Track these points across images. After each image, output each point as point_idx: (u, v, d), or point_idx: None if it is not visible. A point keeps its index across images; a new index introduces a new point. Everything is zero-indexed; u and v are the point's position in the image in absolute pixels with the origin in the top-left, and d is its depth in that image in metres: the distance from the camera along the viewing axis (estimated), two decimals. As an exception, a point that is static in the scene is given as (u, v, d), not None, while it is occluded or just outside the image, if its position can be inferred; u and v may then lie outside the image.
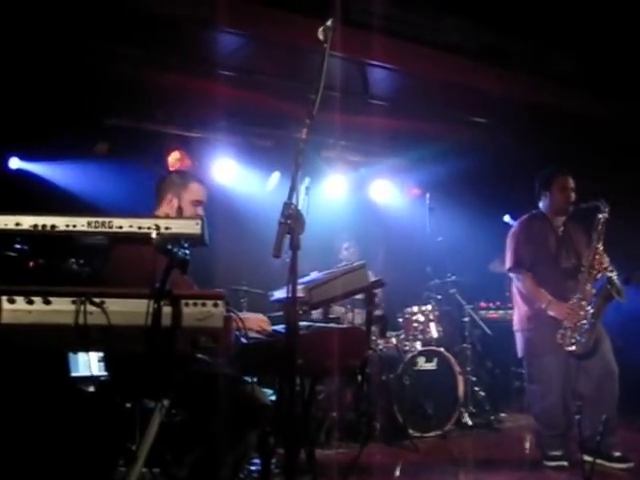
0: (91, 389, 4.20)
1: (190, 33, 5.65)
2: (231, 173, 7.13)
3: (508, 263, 5.11)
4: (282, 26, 5.67)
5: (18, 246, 2.42)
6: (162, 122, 6.70)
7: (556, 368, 4.81)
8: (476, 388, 6.80)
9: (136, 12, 5.25)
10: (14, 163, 6.17)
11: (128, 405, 3.18)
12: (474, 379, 6.84)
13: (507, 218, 8.17)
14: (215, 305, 2.43)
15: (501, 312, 7.71)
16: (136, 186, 3.95)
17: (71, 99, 5.95)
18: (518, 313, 5.11)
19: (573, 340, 4.72)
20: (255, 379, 3.18)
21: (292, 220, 2.44)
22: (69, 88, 5.85)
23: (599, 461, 4.25)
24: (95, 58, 5.67)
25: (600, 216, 4.82)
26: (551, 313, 4.81)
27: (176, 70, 6.06)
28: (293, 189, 2.49)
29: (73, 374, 4.55)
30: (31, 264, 4.70)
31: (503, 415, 6.82)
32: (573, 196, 5.04)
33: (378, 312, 6.15)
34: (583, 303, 4.75)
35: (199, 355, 2.50)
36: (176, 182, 3.58)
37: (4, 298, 2.31)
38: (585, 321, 4.71)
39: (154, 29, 5.45)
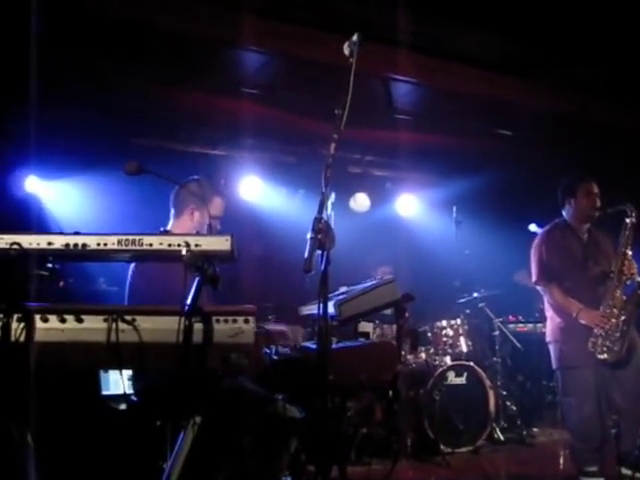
0: (123, 407, 4.21)
1: (214, 52, 5.71)
2: (256, 190, 7.16)
3: (534, 276, 5.04)
4: (306, 43, 5.70)
5: (50, 265, 2.43)
6: (188, 141, 6.76)
7: (590, 380, 4.72)
8: (507, 402, 6.72)
9: (161, 32, 5.31)
10: (31, 183, 6.18)
11: (159, 423, 3.18)
12: (505, 393, 6.75)
13: (533, 227, 8.12)
14: (246, 321, 2.43)
15: (530, 325, 7.64)
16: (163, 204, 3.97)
17: (98, 119, 6.03)
18: (550, 325, 5.04)
19: (605, 348, 4.63)
20: (284, 396, 3.16)
21: (322, 235, 2.43)
22: (96, 107, 5.93)
23: (639, 475, 4.16)
24: (122, 78, 5.75)
25: (627, 221, 4.74)
26: (582, 321, 4.73)
27: (201, 89, 6.11)
28: (322, 204, 2.49)
29: (104, 392, 4.58)
30: (61, 284, 4.75)
31: (535, 430, 6.72)
32: (598, 202, 4.96)
33: (408, 326, 6.11)
34: (614, 310, 4.66)
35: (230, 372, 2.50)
36: (197, 194, 3.49)
37: (37, 317, 2.33)
38: (617, 328, 4.63)
39: (179, 48, 5.51)
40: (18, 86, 5.09)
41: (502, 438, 6.30)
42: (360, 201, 7.48)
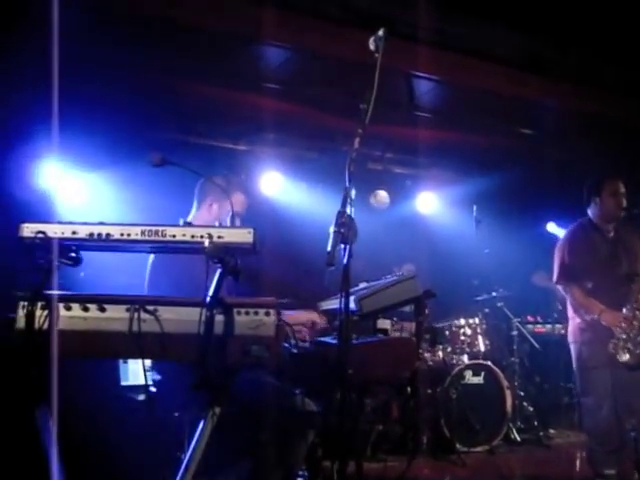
0: (141, 398, 4.25)
1: (237, 47, 5.71)
2: (278, 185, 7.17)
3: (555, 276, 5.00)
4: (328, 38, 5.70)
5: (74, 254, 2.45)
6: (209, 135, 6.78)
7: (609, 381, 4.67)
8: (524, 403, 6.69)
9: (184, 28, 5.33)
10: (55, 174, 6.14)
11: (177, 414, 3.20)
12: (522, 394, 6.73)
13: (551, 227, 8.09)
14: (267, 314, 2.44)
15: (548, 326, 7.61)
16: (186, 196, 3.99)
17: (119, 113, 6.06)
18: (571, 325, 5.00)
19: (626, 350, 4.59)
20: (302, 390, 3.17)
21: (345, 228, 2.43)
22: (120, 102, 5.96)
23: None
24: (146, 72, 5.77)
25: None
26: (604, 322, 4.68)
27: (223, 83, 6.12)
28: (346, 198, 2.49)
29: (123, 383, 4.62)
30: (82, 274, 4.79)
31: (552, 431, 6.69)
32: (624, 201, 4.91)
33: (427, 324, 6.10)
34: (637, 312, 4.62)
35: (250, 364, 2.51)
36: (219, 187, 3.50)
37: (61, 305, 2.35)
38: (638, 331, 4.58)
39: (201, 43, 5.52)
40: (42, 79, 5.14)
41: (518, 438, 6.28)
42: (380, 198, 7.47)
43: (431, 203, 8.13)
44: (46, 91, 5.05)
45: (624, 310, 4.65)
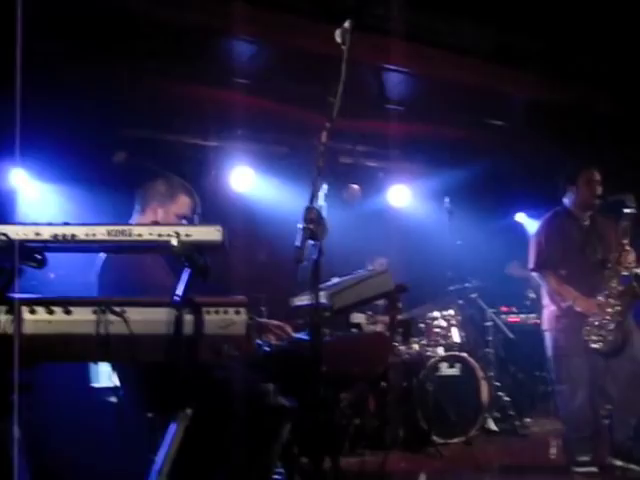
0: (113, 399, 4.18)
1: (205, 41, 5.65)
2: (248, 181, 7.11)
3: (530, 263, 5.04)
4: (297, 32, 5.67)
5: (38, 256, 2.39)
6: (178, 132, 6.71)
7: (584, 368, 4.71)
8: (500, 393, 6.72)
9: (150, 22, 5.26)
10: (17, 177, 6.03)
11: (150, 415, 3.15)
12: (498, 384, 6.76)
13: (521, 217, 8.15)
14: (237, 312, 2.40)
15: (522, 316, 7.66)
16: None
17: (87, 110, 5.96)
18: (546, 313, 5.03)
19: (599, 337, 4.62)
20: (275, 387, 3.14)
21: (314, 225, 2.40)
22: (85, 99, 5.87)
23: (631, 466, 4.16)
24: (111, 69, 5.69)
25: (627, 211, 4.72)
26: (578, 309, 4.72)
27: (191, 79, 6.06)
28: (314, 193, 2.46)
29: (94, 385, 4.55)
30: (52, 275, 4.71)
31: (528, 420, 6.73)
32: (599, 189, 4.94)
33: (401, 317, 6.09)
34: (610, 300, 4.65)
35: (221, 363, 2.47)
36: (162, 191, 3.41)
37: (25, 309, 2.29)
38: (612, 318, 4.61)
39: (168, 38, 5.45)
40: (2, 74, 5.03)
41: (495, 429, 6.32)
42: (353, 192, 7.44)
43: (403, 196, 8.13)
44: (4, 87, 4.97)
45: (598, 297, 4.69)
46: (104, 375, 4.60)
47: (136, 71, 5.84)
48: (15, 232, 2.34)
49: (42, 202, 6.10)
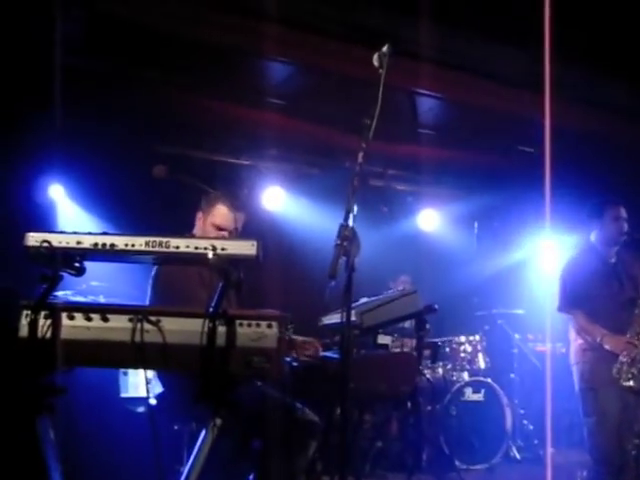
0: (141, 410, 4.23)
1: (240, 62, 5.75)
2: (279, 200, 7.18)
3: (558, 304, 5.01)
4: (331, 55, 5.73)
5: (77, 264, 2.46)
6: (212, 150, 6.80)
7: (611, 402, 4.64)
8: (524, 421, 6.66)
9: (187, 42, 5.36)
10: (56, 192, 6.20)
11: (176, 427, 3.19)
12: (522, 412, 6.70)
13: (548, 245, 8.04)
14: (269, 326, 2.44)
15: (549, 345, 7.58)
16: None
17: (123, 127, 6.09)
18: (573, 347, 4.99)
19: (630, 375, 4.57)
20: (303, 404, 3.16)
21: (348, 242, 2.44)
22: (121, 115, 5.99)
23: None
24: (147, 87, 5.81)
25: None
26: (607, 347, 4.67)
27: (226, 98, 6.15)
28: (349, 211, 2.50)
29: (123, 395, 4.60)
30: (84, 286, 4.79)
31: (552, 450, 6.64)
32: (626, 226, 4.92)
33: (428, 339, 6.08)
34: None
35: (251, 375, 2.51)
36: (205, 201, 3.55)
37: (64, 314, 2.35)
38: (642, 355, 4.56)
39: (206, 58, 5.55)
40: (42, 92, 5.18)
41: (518, 457, 6.25)
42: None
43: (432, 220, 8.14)
44: (43, 105, 5.12)
45: (627, 335, 4.64)
46: (133, 385, 4.67)
47: (172, 89, 5.95)
48: (57, 240, 2.42)
49: (78, 220, 6.20)
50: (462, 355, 6.47)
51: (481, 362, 6.45)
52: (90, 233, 2.48)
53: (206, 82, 5.90)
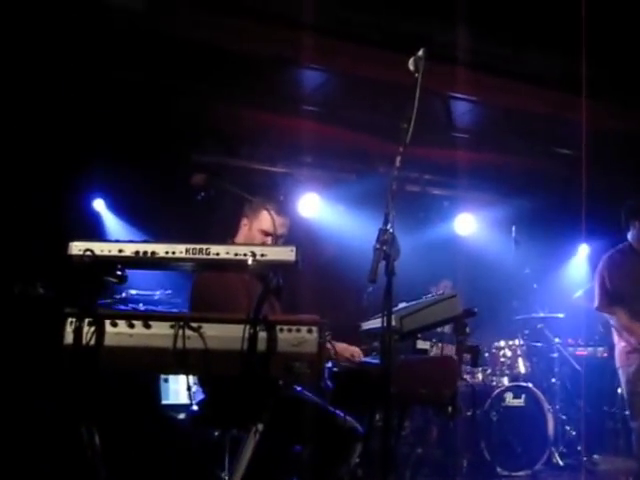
0: (181, 416, 4.27)
1: (276, 70, 5.78)
2: (315, 207, 7.19)
3: (596, 302, 4.96)
4: (365, 61, 5.74)
5: (119, 272, 2.50)
6: (248, 158, 6.85)
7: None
8: (567, 427, 6.57)
9: (224, 53, 5.42)
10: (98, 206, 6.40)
11: (217, 433, 3.21)
12: (564, 417, 6.60)
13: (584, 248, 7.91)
14: (309, 331, 2.45)
15: (590, 349, 7.46)
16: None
17: (158, 136, 6.16)
18: (617, 350, 4.94)
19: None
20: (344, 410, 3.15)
21: (387, 246, 2.44)
22: (156, 125, 6.07)
23: None
24: (184, 96, 5.88)
25: None
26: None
27: (262, 107, 6.20)
28: (388, 215, 2.50)
29: (164, 402, 4.65)
30: (124, 294, 4.86)
31: (597, 457, 6.53)
32: None
33: (469, 342, 6.03)
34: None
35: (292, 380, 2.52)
36: (251, 207, 3.56)
37: (107, 322, 2.39)
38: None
39: (241, 67, 5.60)
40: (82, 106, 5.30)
41: (561, 463, 6.16)
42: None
43: (469, 224, 8.09)
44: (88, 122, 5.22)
45: None
46: (173, 392, 4.72)
47: (208, 98, 6.01)
48: (100, 249, 2.45)
49: (119, 231, 6.32)
50: (502, 360, 6.41)
51: (521, 367, 6.38)
52: (131, 241, 2.52)
53: (242, 91, 5.95)
